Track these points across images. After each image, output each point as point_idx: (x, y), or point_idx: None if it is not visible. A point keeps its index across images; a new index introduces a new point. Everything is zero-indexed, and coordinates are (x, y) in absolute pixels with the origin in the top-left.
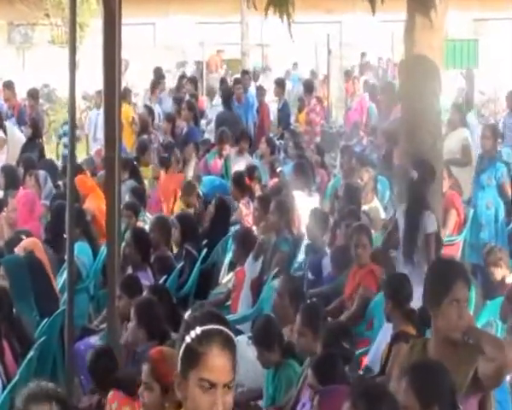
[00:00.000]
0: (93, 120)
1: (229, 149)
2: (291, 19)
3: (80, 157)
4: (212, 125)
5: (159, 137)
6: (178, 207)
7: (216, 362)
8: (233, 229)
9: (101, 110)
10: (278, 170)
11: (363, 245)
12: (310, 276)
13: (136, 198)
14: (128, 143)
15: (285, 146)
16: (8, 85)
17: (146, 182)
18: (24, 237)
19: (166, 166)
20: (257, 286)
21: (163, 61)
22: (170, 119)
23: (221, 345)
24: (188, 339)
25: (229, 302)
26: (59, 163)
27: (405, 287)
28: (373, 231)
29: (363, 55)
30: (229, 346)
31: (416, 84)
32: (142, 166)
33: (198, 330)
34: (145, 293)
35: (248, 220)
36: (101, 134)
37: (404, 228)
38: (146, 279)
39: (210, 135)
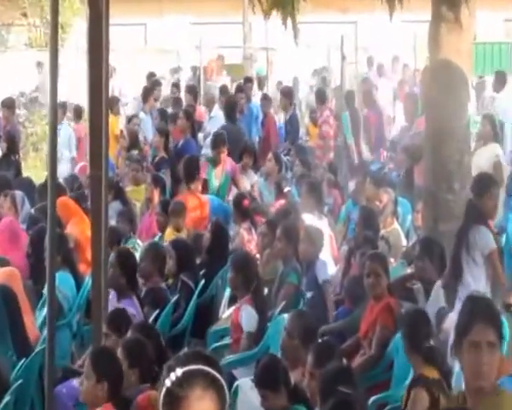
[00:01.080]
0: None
1: (228, 161)
2: (295, 22)
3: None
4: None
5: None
6: (169, 232)
7: (198, 406)
8: None
9: (63, 126)
10: (286, 190)
11: (376, 274)
12: (308, 294)
13: (125, 223)
14: (115, 159)
15: (292, 163)
16: None
17: (138, 204)
18: None
19: (161, 186)
20: (262, 324)
21: (155, 67)
22: (162, 132)
23: (204, 387)
24: (167, 383)
25: (228, 341)
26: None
27: (424, 324)
28: (392, 260)
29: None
30: (214, 387)
31: (441, 92)
32: (133, 186)
33: (178, 371)
34: (130, 332)
35: (251, 247)
36: (65, 153)
37: (457, 249)
38: (131, 307)
39: (208, 150)
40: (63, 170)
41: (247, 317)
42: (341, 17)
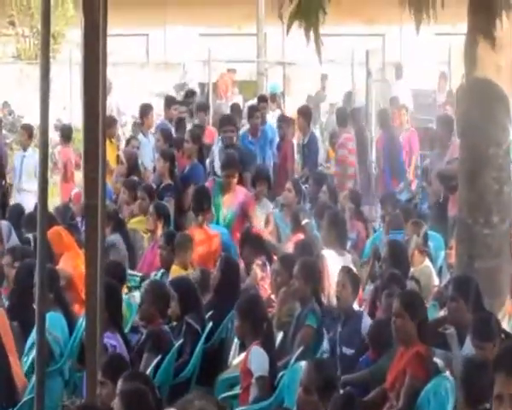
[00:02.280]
0: (17, 164)
1: (241, 190)
2: (318, 34)
3: None
4: (217, 163)
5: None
6: (175, 269)
7: None
8: None
9: (28, 152)
10: (304, 222)
11: (402, 317)
12: (345, 351)
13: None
14: (113, 186)
15: (311, 193)
16: None
17: (146, 236)
18: None
19: (164, 216)
20: (274, 369)
21: (158, 82)
22: (167, 157)
23: None
24: None
25: (238, 390)
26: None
27: (480, 376)
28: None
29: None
30: None
31: (478, 114)
32: (140, 216)
33: None
34: (121, 381)
35: (265, 286)
36: (27, 184)
37: None
38: (112, 340)
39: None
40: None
41: (257, 359)
42: (367, 29)
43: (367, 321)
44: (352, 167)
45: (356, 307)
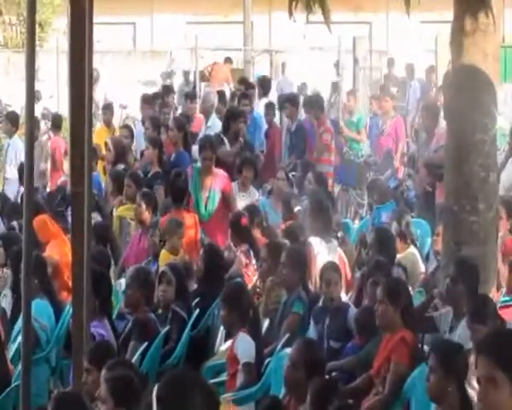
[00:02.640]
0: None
1: (219, 174)
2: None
3: None
4: None
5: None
6: (164, 255)
7: None
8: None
9: (12, 140)
10: (296, 210)
11: (384, 304)
12: (332, 344)
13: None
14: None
15: (299, 180)
16: None
17: (132, 223)
18: None
19: (152, 204)
20: (261, 356)
21: (145, 70)
22: (155, 144)
23: None
24: None
25: (224, 377)
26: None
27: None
28: (409, 288)
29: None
30: None
31: (465, 101)
32: (129, 203)
33: None
34: (105, 369)
35: (248, 273)
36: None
37: None
38: (101, 329)
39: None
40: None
41: (244, 345)
42: (354, 16)
43: (353, 313)
44: (332, 154)
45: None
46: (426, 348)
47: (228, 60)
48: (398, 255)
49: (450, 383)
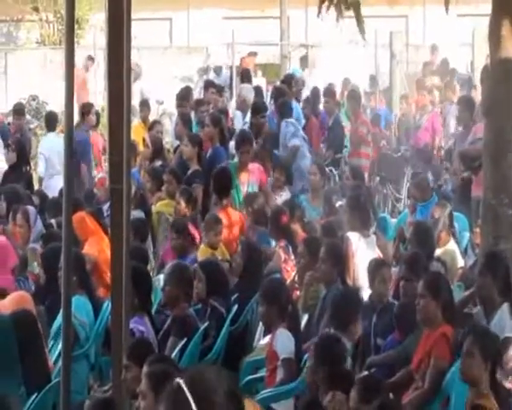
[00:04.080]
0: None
1: (255, 168)
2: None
3: None
4: None
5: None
6: (203, 250)
7: None
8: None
9: (51, 135)
10: (338, 205)
11: (426, 298)
12: (379, 342)
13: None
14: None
15: (339, 175)
16: None
17: (171, 218)
18: None
19: (192, 201)
20: (300, 351)
21: (181, 66)
22: (195, 142)
23: None
24: None
25: (264, 373)
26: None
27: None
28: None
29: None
30: None
31: (503, 96)
32: (168, 199)
33: None
34: (146, 364)
35: (287, 269)
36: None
37: None
38: (141, 325)
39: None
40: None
41: (283, 341)
42: (390, 10)
43: None
44: (369, 148)
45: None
46: None
47: (252, 53)
48: (438, 250)
49: (483, 367)
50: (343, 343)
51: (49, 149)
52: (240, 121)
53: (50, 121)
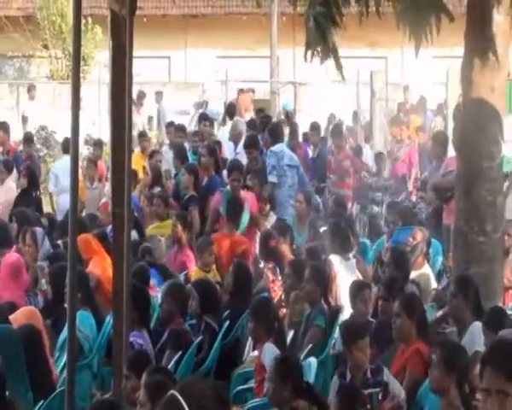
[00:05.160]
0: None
1: (248, 195)
2: (338, 57)
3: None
4: None
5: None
6: (195, 271)
7: None
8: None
9: (65, 157)
10: (322, 230)
11: (401, 317)
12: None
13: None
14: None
15: (324, 202)
16: (2, 127)
17: (162, 239)
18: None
19: (188, 224)
20: None
21: (179, 101)
22: (191, 171)
23: None
24: None
25: (253, 384)
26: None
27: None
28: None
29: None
30: None
31: (473, 131)
32: (157, 222)
33: None
34: (145, 374)
35: (274, 288)
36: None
37: None
38: (139, 339)
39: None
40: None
41: (270, 354)
42: (371, 52)
43: None
44: (350, 178)
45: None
46: None
47: (249, 90)
48: (413, 273)
49: (449, 378)
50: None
51: (60, 169)
52: (232, 152)
53: (66, 145)
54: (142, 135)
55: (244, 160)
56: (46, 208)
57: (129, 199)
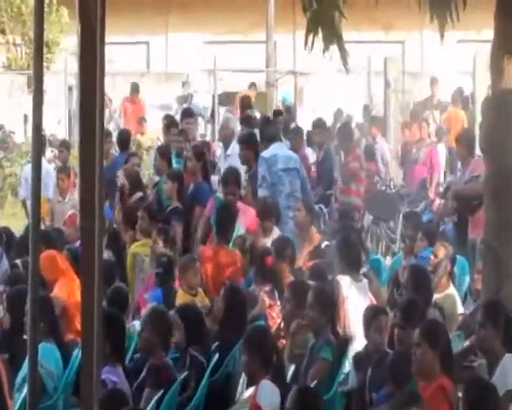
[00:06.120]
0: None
1: (246, 210)
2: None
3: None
4: None
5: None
6: (181, 295)
7: None
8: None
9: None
10: (324, 246)
11: (423, 348)
12: (374, 396)
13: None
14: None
15: (329, 213)
16: None
17: (146, 259)
18: None
19: (170, 242)
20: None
21: (159, 94)
22: (174, 177)
23: None
24: None
25: None
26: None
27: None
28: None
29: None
30: None
31: (504, 129)
32: (142, 238)
33: None
34: None
35: (273, 314)
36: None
37: None
38: (113, 375)
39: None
40: None
41: (267, 394)
42: (385, 36)
43: None
44: (362, 185)
45: None
46: None
47: (253, 86)
48: (436, 295)
49: None
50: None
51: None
52: (222, 153)
53: None
54: (106, 135)
55: (237, 163)
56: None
57: (101, 210)
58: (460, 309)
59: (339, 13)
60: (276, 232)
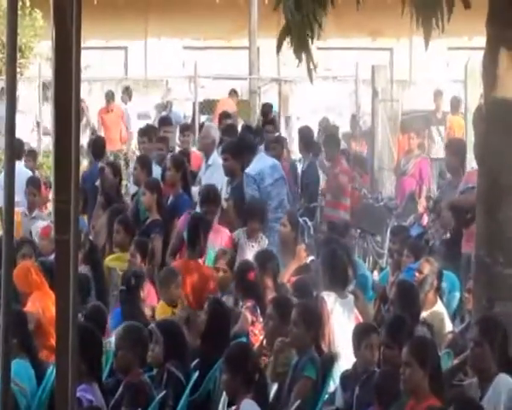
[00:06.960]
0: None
1: (221, 231)
2: (310, 59)
3: None
4: None
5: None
6: (161, 308)
7: None
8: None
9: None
10: (308, 261)
11: (411, 367)
12: None
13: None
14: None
15: (314, 227)
16: None
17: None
18: None
19: (149, 256)
20: None
21: (138, 101)
22: (153, 188)
23: None
24: None
25: None
26: None
27: None
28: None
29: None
30: None
31: (499, 139)
32: (119, 251)
33: None
34: None
35: (255, 331)
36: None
37: None
38: (88, 394)
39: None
40: None
41: None
42: (373, 43)
43: None
44: (347, 198)
45: None
46: None
47: (233, 93)
48: (423, 313)
49: None
50: None
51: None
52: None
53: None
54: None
55: (218, 174)
56: None
57: (76, 223)
58: (448, 327)
59: (318, 26)
60: (264, 241)
